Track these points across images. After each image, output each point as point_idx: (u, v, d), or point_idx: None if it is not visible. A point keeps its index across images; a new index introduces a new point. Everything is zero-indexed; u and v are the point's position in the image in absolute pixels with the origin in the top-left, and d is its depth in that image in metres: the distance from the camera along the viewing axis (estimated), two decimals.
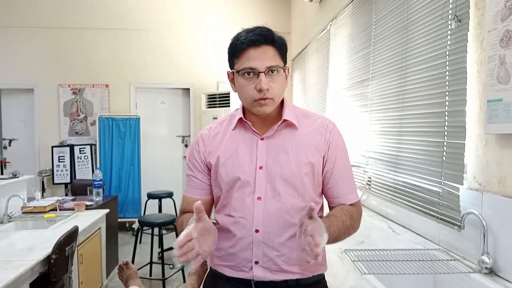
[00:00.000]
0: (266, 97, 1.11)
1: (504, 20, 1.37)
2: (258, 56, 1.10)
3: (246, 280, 1.17)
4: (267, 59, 1.10)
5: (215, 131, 1.26)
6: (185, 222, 1.11)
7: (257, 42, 1.10)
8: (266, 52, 1.11)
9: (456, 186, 1.67)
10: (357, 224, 1.20)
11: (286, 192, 1.15)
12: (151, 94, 6.11)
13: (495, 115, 1.40)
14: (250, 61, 1.10)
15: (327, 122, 1.22)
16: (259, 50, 1.10)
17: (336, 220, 1.10)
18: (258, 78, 1.09)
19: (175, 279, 3.81)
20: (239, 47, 1.11)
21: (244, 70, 1.11)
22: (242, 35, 1.12)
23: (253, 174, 1.16)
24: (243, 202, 1.16)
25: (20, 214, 3.07)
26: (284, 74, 1.16)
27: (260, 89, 1.09)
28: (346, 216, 1.14)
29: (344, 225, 1.12)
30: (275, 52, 1.12)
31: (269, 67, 1.10)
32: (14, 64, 5.71)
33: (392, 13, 2.35)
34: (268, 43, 1.11)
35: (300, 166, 1.15)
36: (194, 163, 1.26)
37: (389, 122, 2.38)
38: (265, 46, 1.11)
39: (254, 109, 1.15)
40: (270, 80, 1.11)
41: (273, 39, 1.12)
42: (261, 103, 1.12)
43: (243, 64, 1.11)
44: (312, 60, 4.62)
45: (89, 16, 5.80)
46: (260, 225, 1.14)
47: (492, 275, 1.45)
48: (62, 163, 5.57)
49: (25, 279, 2.02)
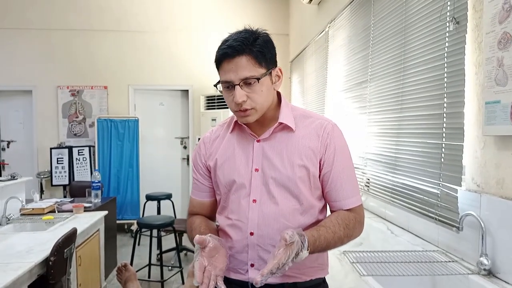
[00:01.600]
0: (245, 109, 1.09)
1: (502, 22, 1.37)
2: (232, 68, 1.07)
3: (244, 282, 1.17)
4: (241, 71, 1.06)
5: (216, 134, 1.27)
6: (194, 230, 1.19)
7: (230, 56, 1.06)
8: (239, 63, 1.06)
9: (454, 188, 1.67)
10: (355, 232, 1.16)
11: (281, 195, 1.14)
12: (149, 96, 6.11)
13: (493, 117, 1.41)
14: (226, 73, 1.08)
15: (326, 123, 1.17)
16: (232, 62, 1.06)
17: (326, 232, 1.07)
18: (235, 90, 1.08)
19: (173, 281, 3.80)
20: (217, 59, 1.11)
21: (222, 84, 1.10)
22: (222, 43, 1.10)
23: (248, 176, 1.15)
24: (239, 205, 1.16)
25: (19, 216, 3.06)
26: (265, 80, 1.10)
27: (236, 102, 1.08)
28: (339, 226, 1.10)
29: (336, 236, 1.09)
30: (250, 61, 1.06)
31: (243, 79, 1.06)
32: (12, 65, 5.70)
33: (391, 15, 2.36)
34: (241, 53, 1.06)
35: (294, 170, 1.12)
36: (197, 167, 1.28)
37: (387, 124, 2.39)
38: (238, 57, 1.06)
39: (238, 119, 1.17)
40: (248, 92, 1.07)
41: (249, 48, 1.06)
42: (241, 114, 1.11)
43: (221, 76, 1.10)
44: (310, 62, 4.63)
45: (88, 18, 5.80)
46: (255, 228, 1.13)
47: (490, 276, 1.45)
48: (60, 164, 5.56)
49: (24, 281, 2.01)
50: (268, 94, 1.13)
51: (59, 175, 5.55)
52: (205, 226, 1.21)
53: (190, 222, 1.27)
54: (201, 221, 1.25)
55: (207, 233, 1.11)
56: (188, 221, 1.30)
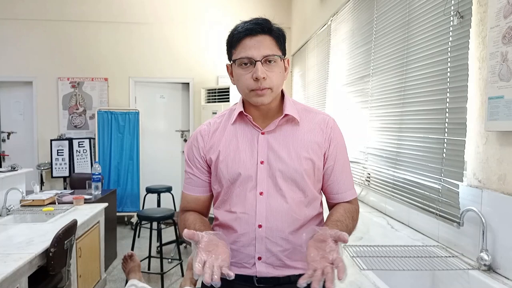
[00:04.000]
0: (263, 87, 1.09)
1: (506, 17, 1.36)
2: (255, 45, 1.08)
3: (248, 277, 1.16)
4: (263, 48, 1.08)
5: (214, 126, 1.24)
6: (188, 228, 1.11)
7: (254, 31, 1.09)
8: (263, 41, 1.09)
9: (455, 183, 1.67)
10: (356, 224, 1.21)
11: (288, 187, 1.14)
12: (150, 88, 6.09)
13: (496, 112, 1.40)
14: (247, 50, 1.08)
15: (328, 118, 1.21)
16: (255, 39, 1.08)
17: (341, 226, 1.09)
18: (254, 67, 1.08)
19: (173, 273, 3.82)
20: (236, 37, 1.10)
21: (241, 60, 1.09)
22: (240, 25, 1.12)
23: (254, 169, 1.15)
24: (245, 198, 1.15)
25: (19, 207, 3.07)
26: (282, 64, 1.13)
27: (256, 78, 1.07)
28: (349, 219, 1.14)
29: (348, 229, 1.12)
30: (272, 41, 1.10)
31: (266, 56, 1.08)
32: (13, 56, 5.68)
33: (394, 9, 2.34)
34: (265, 32, 1.09)
35: (301, 162, 1.14)
36: (194, 160, 1.24)
37: (389, 119, 2.38)
38: (262, 35, 1.09)
39: (252, 100, 1.13)
40: (267, 69, 1.09)
41: (271, 29, 1.11)
42: (258, 93, 1.10)
43: (239, 53, 1.10)
44: (312, 56, 4.60)
45: (89, 9, 5.76)
46: (263, 220, 1.13)
47: (490, 272, 1.45)
48: (61, 156, 5.56)
49: (24, 272, 2.02)
50: (282, 78, 1.15)
51: (59, 167, 5.56)
52: (200, 223, 1.18)
53: (183, 219, 1.23)
54: (195, 217, 1.21)
55: (202, 229, 1.08)
56: (181, 218, 1.25)
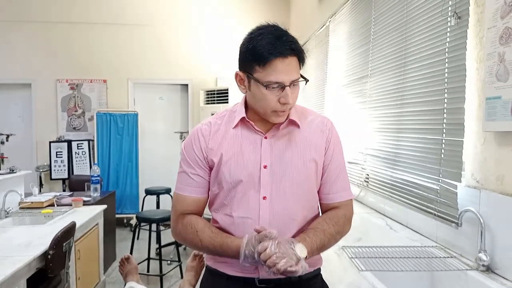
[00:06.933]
0: (286, 109, 1.11)
1: (504, 17, 1.36)
2: (285, 70, 1.05)
3: (249, 279, 1.16)
4: (292, 72, 1.06)
5: (215, 127, 1.20)
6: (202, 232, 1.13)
7: (285, 54, 1.04)
8: (292, 64, 1.06)
9: (454, 184, 1.67)
10: (346, 228, 1.20)
11: (291, 191, 1.15)
12: (149, 90, 6.09)
13: (494, 112, 1.40)
14: (278, 74, 1.04)
15: (326, 120, 1.24)
16: (286, 62, 1.05)
17: (314, 233, 1.11)
18: (283, 91, 1.06)
19: (172, 275, 3.81)
20: (265, 57, 1.04)
21: (269, 83, 1.06)
22: (266, 40, 1.05)
23: (257, 173, 1.14)
24: (247, 202, 1.14)
25: (18, 210, 3.06)
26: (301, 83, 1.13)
27: (284, 103, 1.07)
28: (328, 225, 1.14)
29: (326, 233, 1.13)
30: (297, 63, 1.08)
31: (294, 80, 1.07)
32: (11, 58, 5.67)
33: (392, 10, 2.34)
34: (294, 54, 1.06)
35: (306, 165, 1.15)
36: (195, 159, 1.19)
37: (387, 119, 2.38)
38: (291, 58, 1.06)
39: (270, 118, 1.13)
40: (292, 92, 1.08)
41: (299, 50, 1.08)
42: (279, 114, 1.11)
43: (269, 75, 1.05)
44: (310, 57, 4.61)
45: (88, 11, 5.76)
46: (267, 225, 1.11)
47: (489, 272, 1.45)
48: (59, 158, 5.55)
49: (22, 274, 2.01)
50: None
51: (58, 169, 5.55)
52: (212, 227, 1.16)
53: (189, 223, 1.16)
54: (205, 222, 1.17)
55: (218, 234, 1.11)
56: (184, 222, 1.17)
